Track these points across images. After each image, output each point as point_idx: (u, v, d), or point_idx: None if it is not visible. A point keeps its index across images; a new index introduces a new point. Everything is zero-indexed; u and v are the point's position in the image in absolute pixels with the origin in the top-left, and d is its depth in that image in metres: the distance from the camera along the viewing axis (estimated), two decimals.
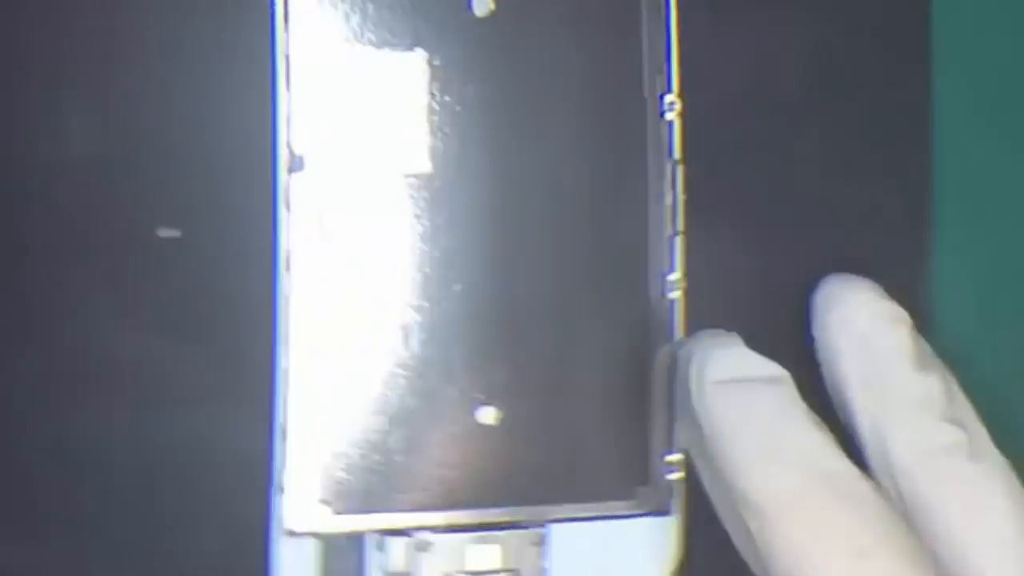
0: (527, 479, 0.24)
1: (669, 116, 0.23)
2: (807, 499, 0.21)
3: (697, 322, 0.23)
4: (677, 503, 0.24)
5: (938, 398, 0.22)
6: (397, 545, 0.23)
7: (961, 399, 0.23)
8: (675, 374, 0.23)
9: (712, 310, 0.24)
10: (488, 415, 0.23)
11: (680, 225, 0.24)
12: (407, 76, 0.22)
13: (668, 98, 0.23)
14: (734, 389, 0.22)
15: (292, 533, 0.23)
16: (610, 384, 0.24)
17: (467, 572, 0.23)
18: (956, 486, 0.22)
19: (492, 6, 0.23)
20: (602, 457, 0.24)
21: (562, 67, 0.23)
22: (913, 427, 0.22)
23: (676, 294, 0.23)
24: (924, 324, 0.24)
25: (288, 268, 0.22)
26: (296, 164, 0.22)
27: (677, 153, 0.24)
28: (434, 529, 0.23)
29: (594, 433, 0.24)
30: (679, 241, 0.24)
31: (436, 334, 0.23)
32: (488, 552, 0.23)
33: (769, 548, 0.21)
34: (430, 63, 0.22)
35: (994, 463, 0.22)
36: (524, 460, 0.24)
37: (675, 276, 0.23)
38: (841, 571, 0.20)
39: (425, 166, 0.22)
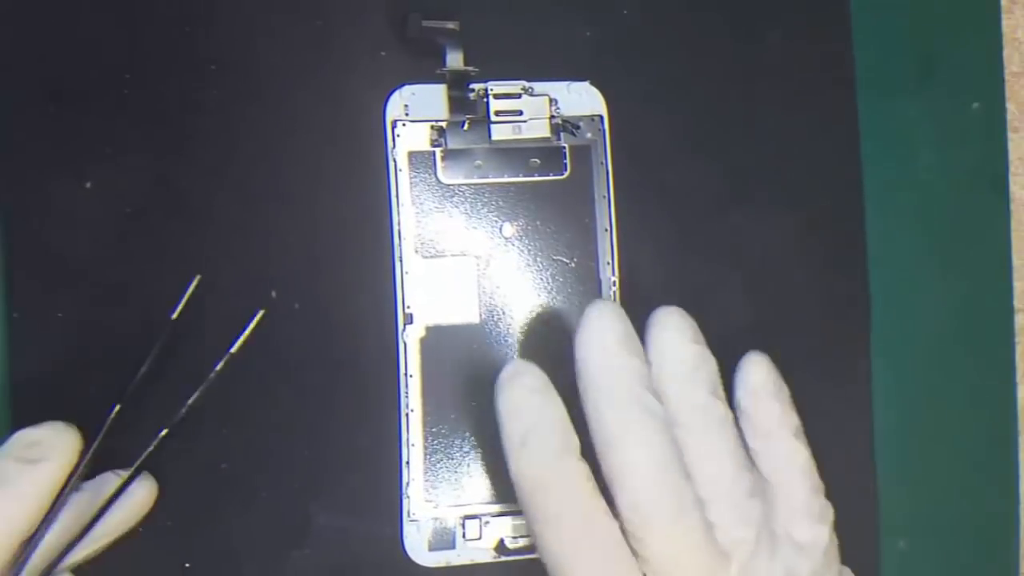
0: None
1: (612, 289, 0.31)
2: (538, 484, 0.25)
3: None
4: None
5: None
6: (472, 523, 0.30)
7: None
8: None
9: None
10: None
11: None
12: (466, 267, 0.31)
13: (612, 278, 0.31)
14: (507, 417, 0.25)
15: (413, 519, 0.30)
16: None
17: (509, 536, 0.30)
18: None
19: (513, 230, 0.31)
20: None
21: (552, 260, 0.31)
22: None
23: None
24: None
25: (407, 376, 0.30)
26: (408, 319, 0.30)
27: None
28: (491, 514, 0.30)
29: None
30: None
31: (483, 410, 0.30)
32: (519, 525, 0.30)
33: (522, 506, 0.25)
34: (477, 261, 0.31)
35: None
36: None
37: None
38: (546, 527, 0.24)
39: (475, 317, 0.31)
